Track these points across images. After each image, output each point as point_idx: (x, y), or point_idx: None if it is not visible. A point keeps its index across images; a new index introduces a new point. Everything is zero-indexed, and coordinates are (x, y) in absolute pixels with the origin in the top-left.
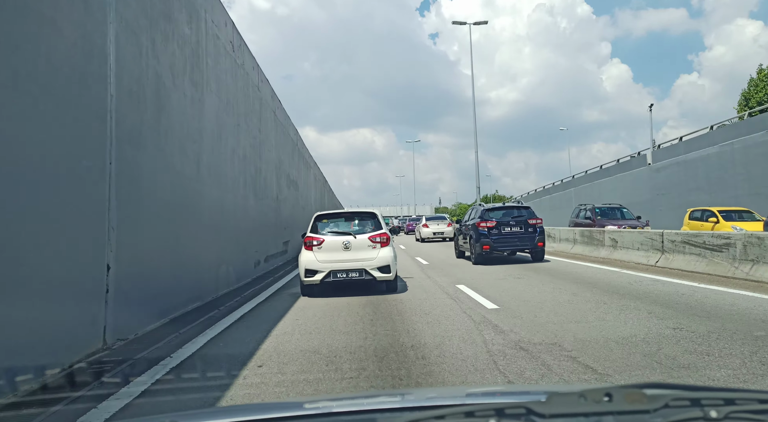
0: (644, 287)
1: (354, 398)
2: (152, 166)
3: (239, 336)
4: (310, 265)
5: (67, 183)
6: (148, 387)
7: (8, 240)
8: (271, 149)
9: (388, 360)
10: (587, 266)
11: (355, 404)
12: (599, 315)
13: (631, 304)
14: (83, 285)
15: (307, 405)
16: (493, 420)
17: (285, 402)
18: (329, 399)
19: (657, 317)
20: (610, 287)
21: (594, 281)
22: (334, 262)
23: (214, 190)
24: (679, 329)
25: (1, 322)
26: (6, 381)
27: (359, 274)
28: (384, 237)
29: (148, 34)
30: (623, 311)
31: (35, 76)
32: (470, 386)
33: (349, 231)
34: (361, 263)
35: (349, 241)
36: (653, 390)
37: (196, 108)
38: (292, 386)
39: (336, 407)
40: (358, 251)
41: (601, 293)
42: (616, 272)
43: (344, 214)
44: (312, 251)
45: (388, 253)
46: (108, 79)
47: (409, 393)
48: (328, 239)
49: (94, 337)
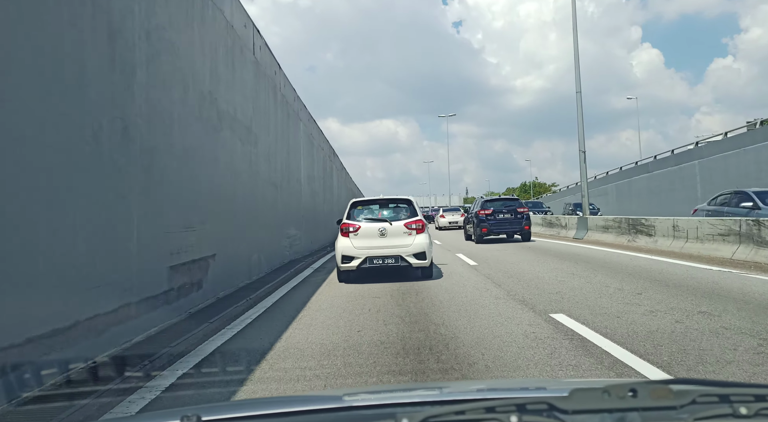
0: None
1: (374, 392)
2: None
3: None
4: (346, 251)
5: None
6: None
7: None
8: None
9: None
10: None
11: (375, 398)
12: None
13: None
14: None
15: (327, 399)
16: (514, 416)
17: (304, 396)
18: (349, 393)
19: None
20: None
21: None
22: (370, 248)
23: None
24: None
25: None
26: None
27: (395, 260)
28: (420, 224)
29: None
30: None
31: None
32: (492, 381)
33: (384, 218)
34: (396, 250)
35: (384, 228)
36: (679, 386)
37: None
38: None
39: (356, 401)
40: (394, 238)
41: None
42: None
43: (379, 201)
44: (348, 238)
45: (423, 240)
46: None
47: (430, 387)
48: (364, 226)
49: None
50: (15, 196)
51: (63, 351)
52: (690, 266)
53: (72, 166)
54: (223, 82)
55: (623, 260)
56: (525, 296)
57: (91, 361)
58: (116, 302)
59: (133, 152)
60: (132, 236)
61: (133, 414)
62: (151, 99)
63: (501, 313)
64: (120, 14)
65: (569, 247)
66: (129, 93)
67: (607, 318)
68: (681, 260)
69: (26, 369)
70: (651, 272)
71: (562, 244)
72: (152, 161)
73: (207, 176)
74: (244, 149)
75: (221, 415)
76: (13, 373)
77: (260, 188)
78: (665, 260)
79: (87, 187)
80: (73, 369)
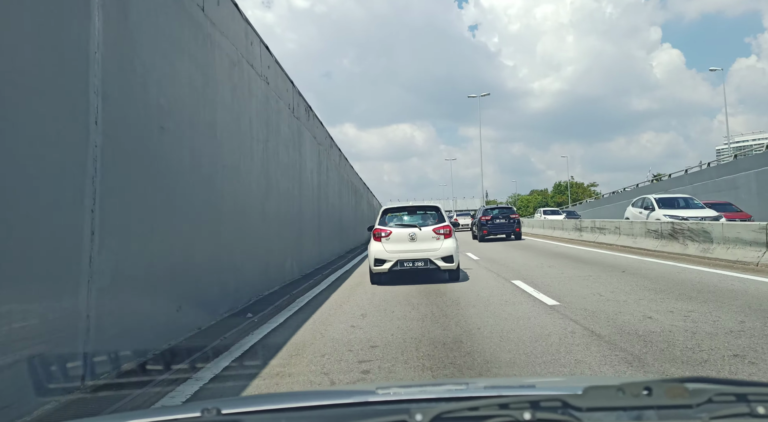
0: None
1: (389, 387)
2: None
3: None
4: (379, 255)
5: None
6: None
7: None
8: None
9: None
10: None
11: (391, 394)
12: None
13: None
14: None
15: (342, 394)
16: (527, 413)
17: (320, 391)
18: (364, 390)
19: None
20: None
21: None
22: (401, 252)
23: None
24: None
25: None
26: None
27: (424, 263)
28: (447, 229)
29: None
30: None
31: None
32: (506, 378)
33: (414, 223)
34: (426, 254)
35: (414, 232)
36: (695, 385)
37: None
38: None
39: (371, 396)
40: (423, 242)
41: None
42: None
43: (409, 208)
44: (380, 242)
45: (451, 244)
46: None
47: (444, 384)
48: (395, 231)
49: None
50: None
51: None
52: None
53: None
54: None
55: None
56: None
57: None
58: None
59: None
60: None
61: (156, 407)
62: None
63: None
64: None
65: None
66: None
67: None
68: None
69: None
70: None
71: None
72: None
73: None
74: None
75: (240, 408)
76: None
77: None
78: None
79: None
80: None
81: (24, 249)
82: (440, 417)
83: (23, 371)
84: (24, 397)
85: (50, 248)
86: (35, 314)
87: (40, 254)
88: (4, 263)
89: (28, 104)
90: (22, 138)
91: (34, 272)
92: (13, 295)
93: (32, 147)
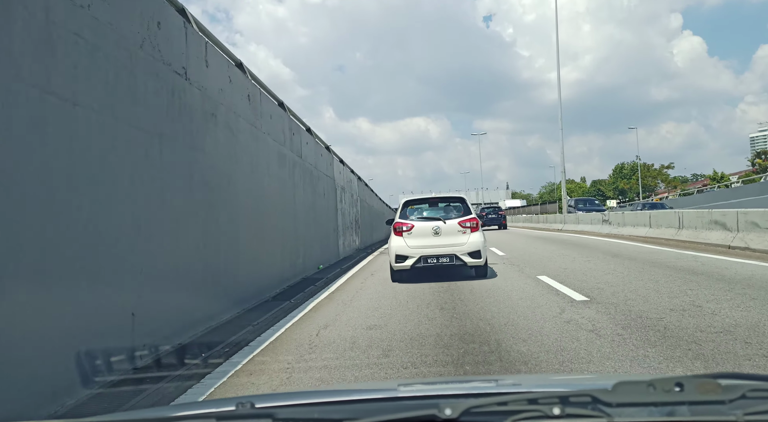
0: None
1: (419, 383)
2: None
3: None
4: (400, 251)
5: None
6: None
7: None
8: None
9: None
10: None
11: (420, 389)
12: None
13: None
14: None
15: (373, 390)
16: (557, 408)
17: (351, 386)
18: (392, 387)
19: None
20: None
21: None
22: (424, 247)
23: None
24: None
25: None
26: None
27: (449, 259)
28: (474, 222)
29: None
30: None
31: None
32: (533, 375)
33: (438, 216)
34: (451, 249)
35: (438, 226)
36: (727, 381)
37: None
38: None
39: (401, 392)
40: (448, 237)
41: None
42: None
43: (431, 199)
44: (402, 237)
45: (478, 238)
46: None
47: (473, 380)
48: (417, 225)
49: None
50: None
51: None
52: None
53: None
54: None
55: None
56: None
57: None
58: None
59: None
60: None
61: (192, 402)
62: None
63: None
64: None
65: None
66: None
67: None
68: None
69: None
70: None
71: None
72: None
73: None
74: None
75: (273, 403)
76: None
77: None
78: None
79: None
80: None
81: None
82: (469, 411)
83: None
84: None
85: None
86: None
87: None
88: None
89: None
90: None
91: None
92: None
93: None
